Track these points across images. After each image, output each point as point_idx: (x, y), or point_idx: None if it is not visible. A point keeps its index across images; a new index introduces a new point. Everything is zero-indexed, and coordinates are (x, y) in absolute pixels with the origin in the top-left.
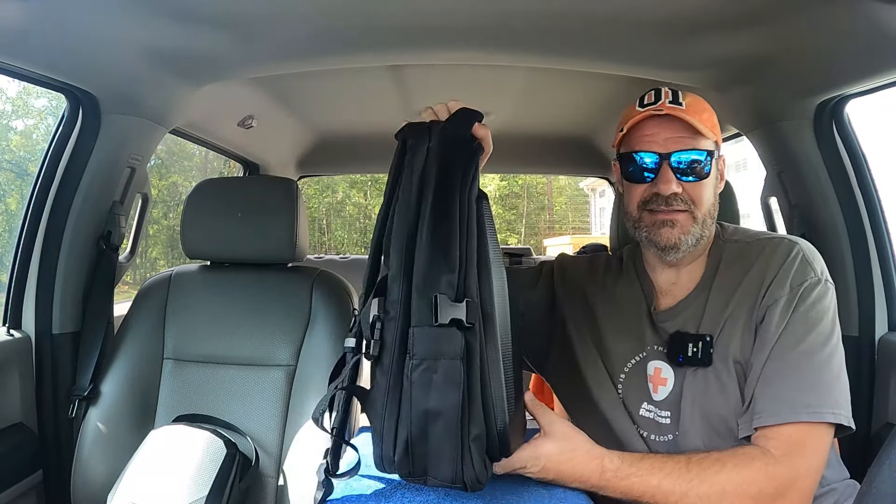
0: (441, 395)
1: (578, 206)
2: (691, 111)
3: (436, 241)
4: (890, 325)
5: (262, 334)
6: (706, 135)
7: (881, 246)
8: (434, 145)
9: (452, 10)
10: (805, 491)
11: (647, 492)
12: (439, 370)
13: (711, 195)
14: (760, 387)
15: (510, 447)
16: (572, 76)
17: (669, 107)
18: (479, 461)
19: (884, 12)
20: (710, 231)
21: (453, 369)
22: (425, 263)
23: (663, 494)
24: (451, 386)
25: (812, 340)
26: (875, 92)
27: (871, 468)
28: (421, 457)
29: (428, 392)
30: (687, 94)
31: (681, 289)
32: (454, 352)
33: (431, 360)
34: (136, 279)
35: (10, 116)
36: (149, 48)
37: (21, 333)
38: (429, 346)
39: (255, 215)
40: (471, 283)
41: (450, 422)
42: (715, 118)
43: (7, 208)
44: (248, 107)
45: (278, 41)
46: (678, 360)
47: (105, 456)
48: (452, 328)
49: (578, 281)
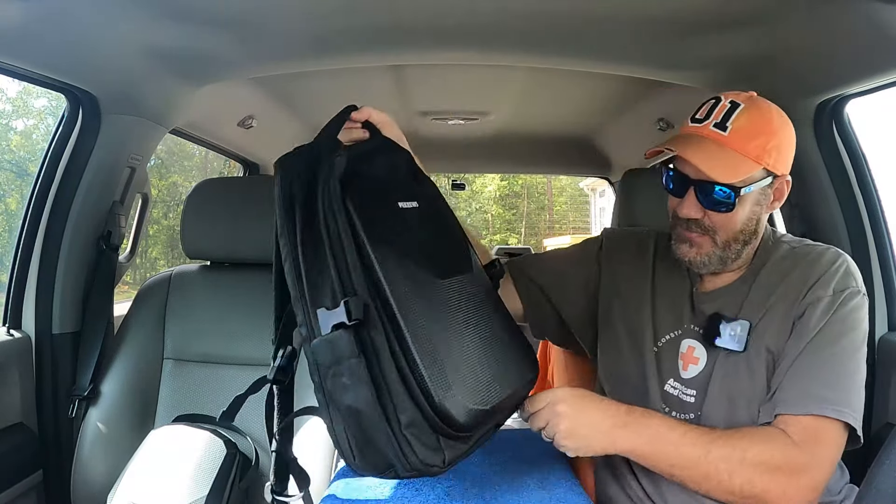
0: (355, 394)
1: (578, 206)
2: (733, 139)
3: (306, 252)
4: (890, 325)
5: (262, 334)
6: (727, 182)
7: (881, 246)
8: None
9: (452, 10)
10: (817, 481)
11: (671, 441)
12: (344, 372)
13: (740, 223)
14: (789, 377)
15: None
16: (572, 76)
17: (710, 131)
18: (422, 446)
19: (884, 12)
20: (745, 249)
21: (355, 367)
22: (307, 278)
23: (686, 446)
24: (359, 383)
25: (846, 344)
26: (875, 92)
27: (871, 468)
28: (374, 453)
29: (345, 394)
30: (748, 111)
31: (724, 279)
32: (350, 352)
33: (336, 365)
34: (136, 279)
35: (10, 116)
36: (149, 48)
37: (21, 333)
38: (328, 355)
39: (255, 215)
40: (354, 278)
41: (372, 416)
42: (773, 142)
43: (7, 208)
44: (248, 107)
45: (278, 41)
46: (714, 342)
47: (105, 456)
48: (341, 332)
49: (624, 255)
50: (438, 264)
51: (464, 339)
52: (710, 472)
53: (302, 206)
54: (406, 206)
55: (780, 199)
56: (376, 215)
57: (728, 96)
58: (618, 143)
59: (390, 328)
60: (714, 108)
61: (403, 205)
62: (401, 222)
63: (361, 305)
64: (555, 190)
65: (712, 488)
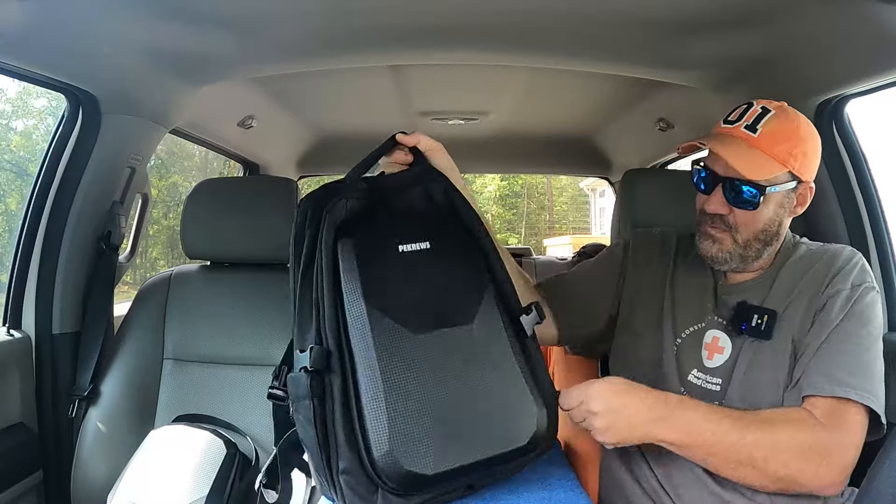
0: (304, 430)
1: (578, 206)
2: (763, 141)
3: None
4: (890, 325)
5: (262, 334)
6: (754, 178)
7: (881, 246)
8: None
9: (452, 10)
10: (845, 463)
11: (708, 431)
12: (301, 410)
13: (762, 223)
14: (814, 363)
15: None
16: (573, 76)
17: (741, 132)
18: (353, 495)
19: (884, 12)
20: (766, 250)
21: (306, 408)
22: (299, 318)
23: (722, 434)
24: (307, 424)
25: (865, 335)
26: (875, 92)
27: (871, 468)
28: (320, 484)
29: (299, 428)
30: (777, 117)
31: (746, 276)
32: (304, 393)
33: (297, 402)
34: (136, 279)
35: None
36: (149, 48)
37: (21, 333)
38: (293, 390)
39: (255, 215)
40: (328, 327)
41: (315, 455)
42: (800, 148)
43: (7, 208)
44: (248, 107)
45: (278, 41)
46: (741, 329)
47: (105, 456)
48: (300, 373)
49: (648, 259)
50: (424, 316)
51: (431, 397)
52: (744, 458)
53: (307, 247)
54: (409, 248)
55: (802, 205)
56: (366, 264)
57: (760, 103)
58: (618, 143)
59: (350, 378)
60: (746, 112)
61: (406, 247)
62: (394, 270)
63: (324, 355)
64: (555, 190)
65: (747, 474)
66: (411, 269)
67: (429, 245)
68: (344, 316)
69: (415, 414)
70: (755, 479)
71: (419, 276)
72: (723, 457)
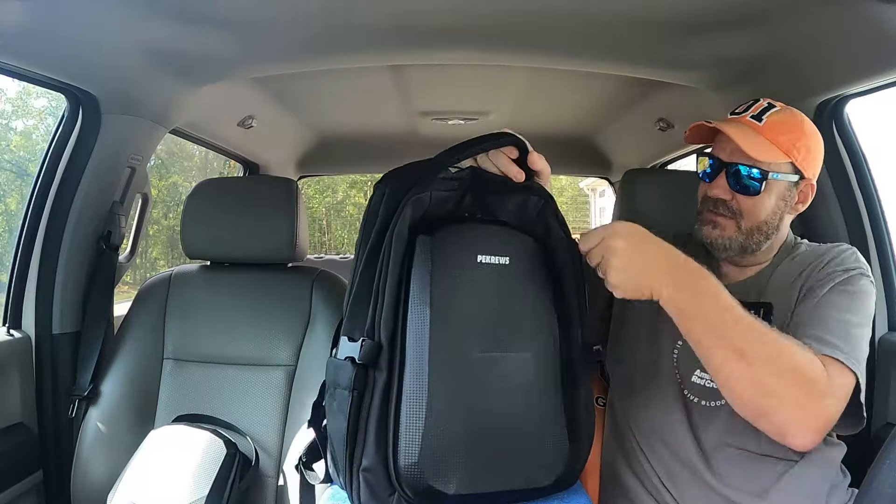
0: (335, 420)
1: (578, 206)
2: (767, 129)
3: (362, 282)
4: (890, 325)
5: (262, 334)
6: (759, 159)
7: (881, 246)
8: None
9: (452, 10)
10: (832, 413)
11: (719, 304)
12: (336, 398)
13: (765, 212)
14: (804, 329)
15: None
16: (573, 76)
17: (748, 121)
18: (368, 494)
19: (884, 12)
20: (766, 244)
21: (343, 398)
22: (351, 302)
23: (732, 313)
24: (340, 414)
25: (856, 312)
26: (875, 92)
27: (871, 468)
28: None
29: (329, 415)
30: (783, 111)
31: (745, 272)
32: (346, 383)
33: (332, 388)
34: (136, 279)
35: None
36: (149, 48)
37: (21, 333)
38: (332, 376)
39: (255, 215)
40: (384, 323)
41: (339, 446)
42: (803, 141)
43: (7, 208)
44: (248, 107)
45: (278, 41)
46: None
47: (105, 456)
48: (347, 362)
49: None
50: (486, 336)
51: (471, 420)
52: (745, 352)
53: (377, 232)
54: (488, 260)
55: (804, 203)
56: (442, 268)
57: (765, 100)
58: (618, 143)
59: (396, 379)
60: (752, 106)
61: (485, 259)
62: (467, 281)
63: (373, 349)
64: (555, 190)
65: (733, 371)
66: (484, 283)
67: (508, 261)
68: (404, 315)
69: (451, 433)
70: (740, 382)
71: (490, 292)
72: (721, 339)
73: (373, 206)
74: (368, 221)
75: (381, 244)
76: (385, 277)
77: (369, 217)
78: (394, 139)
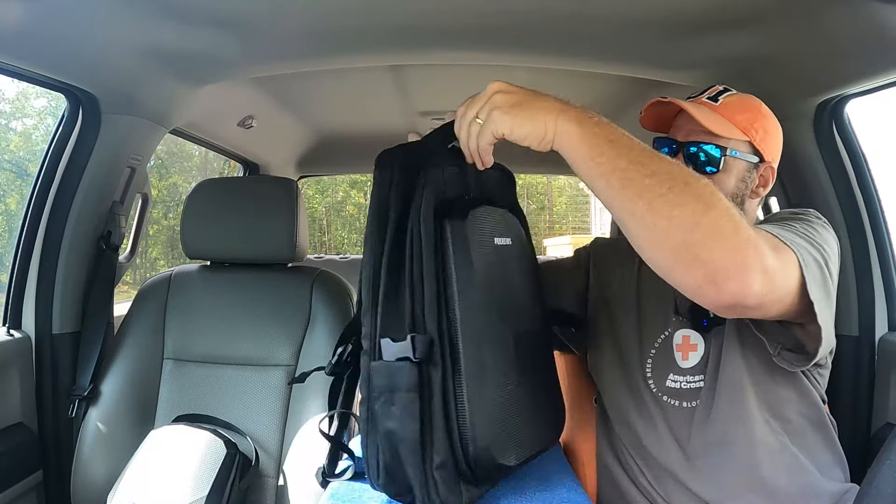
0: (401, 425)
1: (578, 206)
2: (723, 108)
3: (390, 276)
4: (890, 325)
5: (262, 334)
6: (716, 132)
7: (881, 246)
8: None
9: (452, 10)
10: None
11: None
12: (396, 402)
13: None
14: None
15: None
16: (573, 76)
17: (704, 101)
18: (446, 488)
19: (884, 12)
20: None
21: (408, 401)
22: (383, 299)
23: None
24: (407, 418)
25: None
26: (875, 92)
27: (871, 468)
28: (400, 479)
29: (389, 421)
30: (739, 95)
31: None
32: (407, 385)
33: (388, 392)
34: (136, 279)
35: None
36: (149, 48)
37: (21, 333)
38: (385, 380)
39: (255, 215)
40: (427, 314)
41: (410, 450)
42: (760, 122)
43: (7, 208)
44: (248, 107)
45: (278, 41)
46: (703, 325)
47: (105, 456)
48: (405, 363)
49: (612, 264)
50: (515, 315)
51: (512, 397)
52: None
53: (395, 220)
54: (501, 242)
55: (765, 187)
56: (477, 251)
57: (722, 86)
58: None
59: (451, 370)
60: (708, 90)
61: (499, 241)
62: (496, 263)
63: (428, 343)
64: (555, 190)
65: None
66: (499, 265)
67: (510, 241)
68: (447, 303)
69: (508, 410)
70: (661, 212)
71: (504, 273)
72: (635, 165)
73: (382, 196)
74: (380, 213)
75: (403, 234)
76: (420, 268)
77: (380, 208)
78: (394, 139)
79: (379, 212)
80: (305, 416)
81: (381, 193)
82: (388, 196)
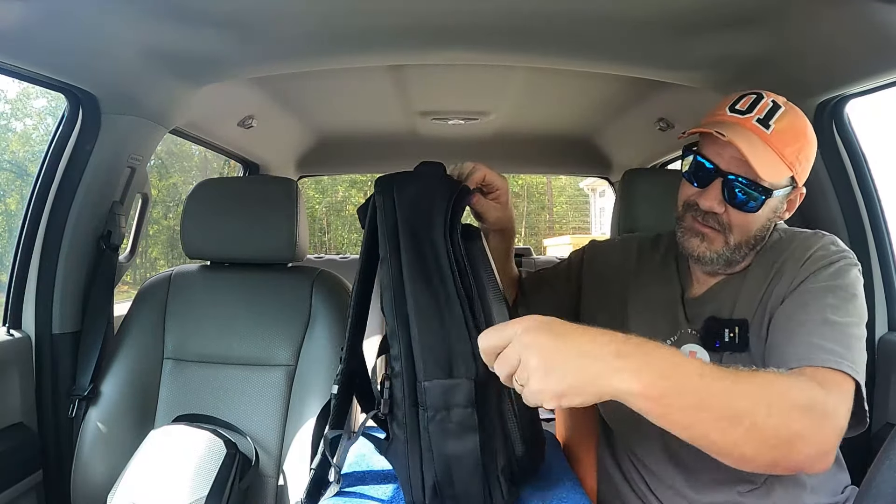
0: (460, 442)
1: (578, 206)
2: (775, 140)
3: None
4: (890, 325)
5: (262, 334)
6: (766, 178)
7: (881, 246)
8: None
9: (452, 10)
10: (841, 426)
11: (691, 373)
12: (453, 419)
13: (756, 227)
14: (800, 334)
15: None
16: (572, 76)
17: (754, 125)
18: (507, 487)
19: (884, 12)
20: (753, 252)
21: (467, 417)
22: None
23: (709, 378)
24: (467, 433)
25: (852, 311)
26: (875, 92)
27: (871, 468)
28: (450, 497)
29: (446, 439)
30: (789, 115)
31: (716, 277)
32: (466, 401)
33: (444, 410)
34: (136, 279)
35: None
36: (149, 48)
37: (21, 333)
38: (440, 398)
39: (255, 215)
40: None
41: (472, 465)
42: (805, 151)
43: (7, 208)
44: (248, 107)
45: (278, 41)
46: (715, 346)
47: (105, 456)
48: (460, 381)
49: (608, 267)
50: None
51: None
52: (741, 412)
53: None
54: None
55: (790, 211)
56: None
57: (770, 96)
58: (618, 143)
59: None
60: (757, 104)
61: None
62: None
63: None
64: (555, 190)
65: (741, 437)
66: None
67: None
68: (487, 314)
69: (533, 411)
70: (750, 445)
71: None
72: (714, 412)
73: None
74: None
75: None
76: (466, 284)
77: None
78: (393, 139)
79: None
80: (305, 416)
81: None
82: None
